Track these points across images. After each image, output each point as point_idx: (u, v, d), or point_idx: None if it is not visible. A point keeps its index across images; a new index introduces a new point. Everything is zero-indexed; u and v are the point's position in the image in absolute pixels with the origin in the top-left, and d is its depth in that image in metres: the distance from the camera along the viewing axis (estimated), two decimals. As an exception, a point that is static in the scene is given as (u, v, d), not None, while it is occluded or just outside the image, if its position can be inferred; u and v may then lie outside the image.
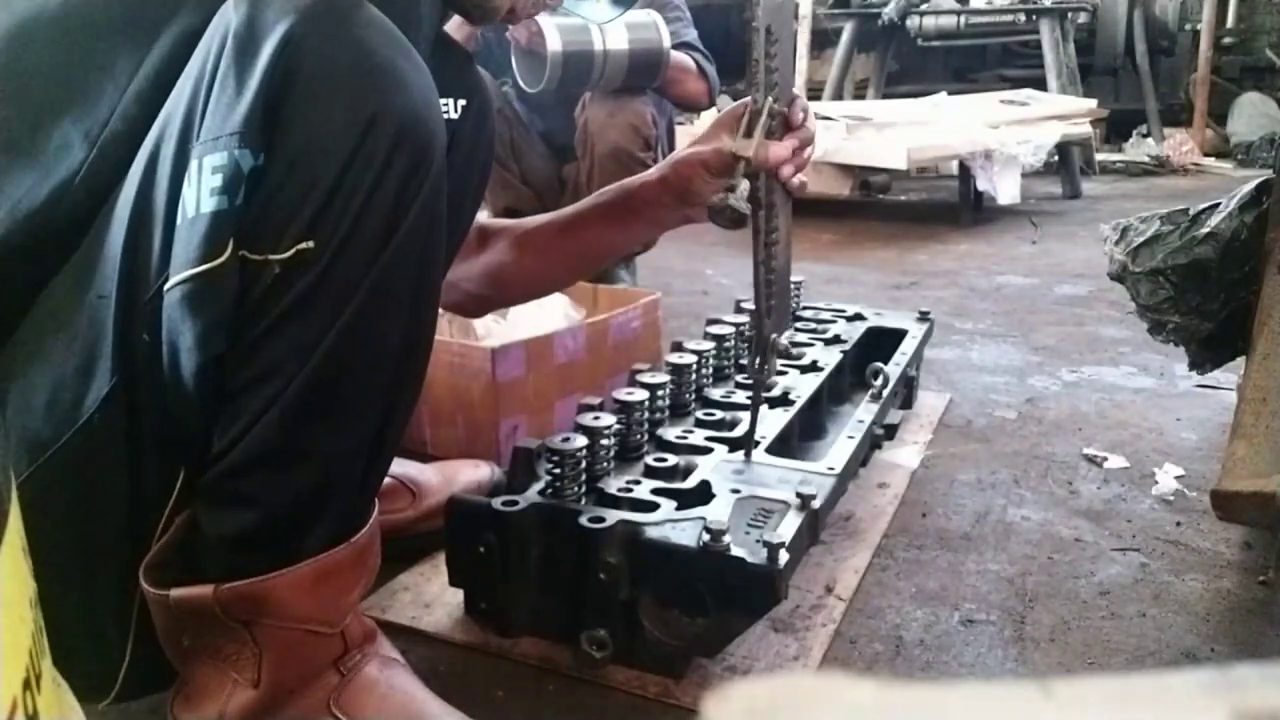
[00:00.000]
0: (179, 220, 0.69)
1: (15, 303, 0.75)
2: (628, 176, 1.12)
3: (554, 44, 1.85)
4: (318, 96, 0.68)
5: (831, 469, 1.08)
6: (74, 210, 0.73)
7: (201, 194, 0.67)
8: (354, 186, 0.68)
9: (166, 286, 0.69)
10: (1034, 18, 4.83)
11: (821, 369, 1.37)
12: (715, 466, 1.06)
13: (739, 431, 1.13)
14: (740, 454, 1.09)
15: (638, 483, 1.03)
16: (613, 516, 0.93)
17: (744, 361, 1.34)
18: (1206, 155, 5.18)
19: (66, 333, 0.73)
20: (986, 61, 5.96)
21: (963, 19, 5.09)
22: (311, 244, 0.68)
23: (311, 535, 0.75)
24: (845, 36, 5.19)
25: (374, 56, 0.69)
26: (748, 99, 0.96)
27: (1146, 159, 4.96)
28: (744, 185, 0.91)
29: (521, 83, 1.97)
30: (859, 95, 5.43)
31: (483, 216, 1.23)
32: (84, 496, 0.72)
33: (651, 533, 0.92)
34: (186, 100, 0.70)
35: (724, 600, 0.89)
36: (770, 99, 0.97)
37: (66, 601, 0.70)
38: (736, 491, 1.01)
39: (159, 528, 0.74)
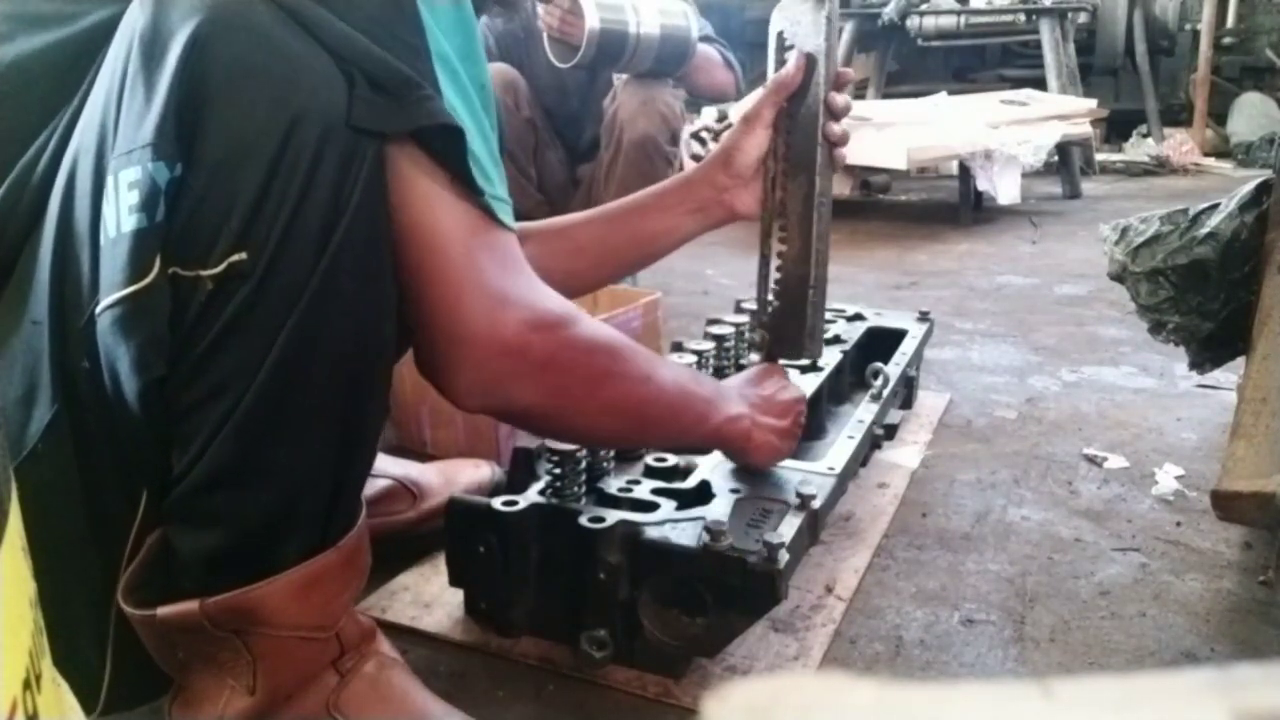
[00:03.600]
0: (102, 241, 0.66)
1: None
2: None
3: (592, 20, 1.91)
4: (233, 99, 0.64)
5: (831, 469, 1.08)
6: (21, 233, 0.71)
7: (121, 213, 0.64)
8: (282, 192, 0.65)
9: (97, 311, 0.66)
10: (1034, 18, 4.83)
11: (821, 369, 1.37)
12: (715, 466, 1.06)
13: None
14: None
15: (638, 483, 1.03)
16: (613, 516, 0.93)
17: (744, 362, 1.34)
18: (1206, 155, 5.18)
19: (5, 360, 0.71)
20: (986, 61, 5.95)
21: (963, 19, 5.08)
22: (244, 255, 0.65)
23: (289, 544, 0.74)
24: (845, 36, 5.19)
25: (291, 53, 0.65)
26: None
27: (1146, 159, 4.96)
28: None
29: (554, 59, 2.01)
30: (859, 95, 5.43)
31: None
32: (40, 524, 0.70)
33: (651, 533, 0.92)
34: (99, 111, 0.68)
35: (724, 600, 0.89)
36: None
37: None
38: (736, 491, 1.01)
39: (128, 546, 0.72)
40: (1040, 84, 4.66)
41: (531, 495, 0.99)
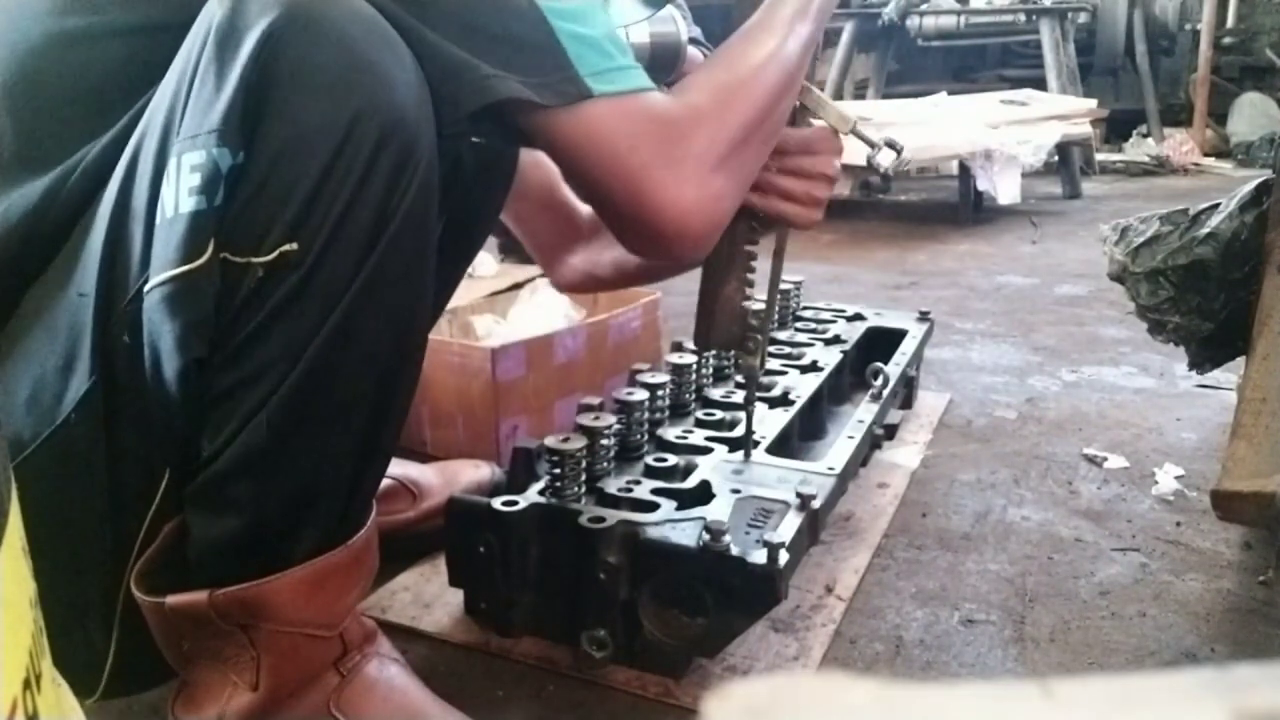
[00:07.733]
0: (158, 220, 0.67)
1: (9, 299, 0.74)
2: None
3: None
4: (299, 94, 0.66)
5: (831, 469, 1.08)
6: (70, 207, 0.73)
7: (180, 194, 0.66)
8: (337, 187, 0.66)
9: (146, 288, 0.68)
10: (1034, 18, 4.82)
11: (821, 369, 1.37)
12: (715, 466, 1.06)
13: (739, 431, 1.13)
14: (740, 454, 1.09)
15: (638, 483, 1.03)
16: (613, 516, 0.93)
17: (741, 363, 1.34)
18: (1206, 155, 5.17)
19: (49, 329, 0.72)
20: (986, 61, 5.95)
21: (963, 19, 5.08)
22: (295, 246, 0.66)
23: (303, 539, 0.74)
24: (845, 36, 5.19)
25: (358, 53, 0.67)
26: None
27: (1146, 159, 4.95)
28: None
29: None
30: (859, 95, 5.43)
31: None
32: (63, 495, 0.71)
33: (651, 533, 0.92)
34: (169, 96, 0.69)
35: (724, 600, 0.89)
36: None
37: (48, 600, 0.70)
38: (736, 491, 1.01)
39: (143, 529, 0.73)
40: (1040, 84, 4.66)
41: (531, 495, 0.99)
